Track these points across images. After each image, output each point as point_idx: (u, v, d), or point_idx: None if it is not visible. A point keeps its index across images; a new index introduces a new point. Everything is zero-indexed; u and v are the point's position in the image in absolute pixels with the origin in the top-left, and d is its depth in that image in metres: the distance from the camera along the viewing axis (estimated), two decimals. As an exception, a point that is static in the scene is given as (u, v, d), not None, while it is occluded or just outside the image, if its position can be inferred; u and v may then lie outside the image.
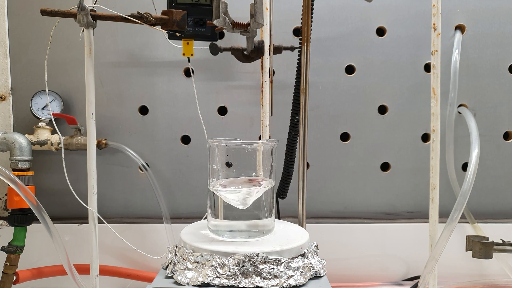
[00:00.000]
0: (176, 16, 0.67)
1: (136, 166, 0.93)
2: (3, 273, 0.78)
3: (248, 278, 0.48)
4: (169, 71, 0.92)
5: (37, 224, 0.71)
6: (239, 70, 0.92)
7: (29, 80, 0.91)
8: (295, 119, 0.76)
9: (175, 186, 0.94)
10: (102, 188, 0.91)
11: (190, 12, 0.73)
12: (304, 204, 0.71)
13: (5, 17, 0.90)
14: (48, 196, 0.91)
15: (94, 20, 0.66)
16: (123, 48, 0.92)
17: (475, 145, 0.75)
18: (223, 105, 0.93)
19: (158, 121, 0.93)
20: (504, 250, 0.70)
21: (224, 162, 0.56)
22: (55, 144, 0.86)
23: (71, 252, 0.70)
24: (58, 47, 0.90)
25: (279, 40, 0.87)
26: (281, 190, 0.81)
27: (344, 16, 0.92)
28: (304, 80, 0.69)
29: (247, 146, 0.55)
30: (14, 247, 0.77)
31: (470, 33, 0.92)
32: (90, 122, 0.69)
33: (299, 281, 0.49)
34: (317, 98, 0.92)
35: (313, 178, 0.94)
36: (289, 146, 0.78)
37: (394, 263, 0.92)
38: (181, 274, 0.50)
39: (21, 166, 0.80)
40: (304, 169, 0.70)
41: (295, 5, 0.90)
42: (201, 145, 0.93)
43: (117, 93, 0.92)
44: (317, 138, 0.93)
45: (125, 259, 0.90)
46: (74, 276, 0.70)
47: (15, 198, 0.76)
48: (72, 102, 0.92)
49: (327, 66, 0.92)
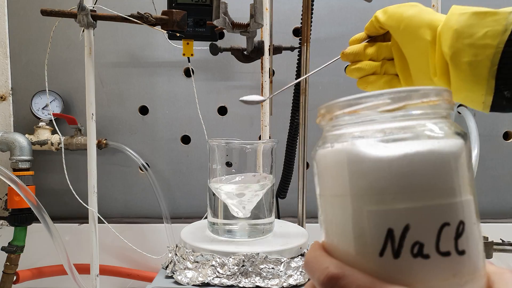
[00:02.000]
0: (176, 16, 0.67)
1: (136, 166, 0.93)
2: (3, 273, 0.78)
3: (248, 277, 0.48)
4: (169, 71, 0.92)
5: (37, 224, 0.71)
6: (239, 70, 0.92)
7: (29, 80, 0.91)
8: (295, 119, 0.76)
9: (175, 186, 0.94)
10: (102, 188, 0.91)
11: (190, 12, 0.73)
12: (304, 204, 0.71)
13: (5, 17, 0.90)
14: (48, 196, 0.91)
15: (94, 20, 0.66)
16: (123, 48, 0.92)
17: (475, 145, 0.75)
18: (223, 105, 0.93)
19: (158, 121, 0.93)
20: (503, 250, 0.70)
21: (224, 162, 0.56)
22: (55, 144, 0.87)
23: (71, 252, 0.70)
24: (58, 47, 0.90)
25: (279, 40, 0.87)
26: (281, 190, 0.81)
27: (343, 16, 0.92)
28: (304, 80, 0.69)
29: (247, 146, 0.55)
30: (14, 247, 0.77)
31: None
32: (90, 122, 0.69)
33: (299, 281, 0.49)
34: (317, 98, 0.92)
35: (313, 178, 0.93)
36: (289, 146, 0.78)
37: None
38: (181, 273, 0.50)
39: (22, 166, 0.80)
40: (304, 169, 0.70)
41: (295, 5, 0.90)
42: (201, 145, 0.93)
43: (117, 93, 0.92)
44: (317, 138, 0.93)
45: (125, 259, 0.90)
46: (74, 276, 0.70)
47: (15, 198, 0.76)
48: (72, 102, 0.92)
49: (327, 66, 0.92)
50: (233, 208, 0.55)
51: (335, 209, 0.21)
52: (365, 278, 0.19)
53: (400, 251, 0.19)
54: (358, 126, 0.21)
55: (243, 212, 0.55)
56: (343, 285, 0.19)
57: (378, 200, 0.19)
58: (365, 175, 0.20)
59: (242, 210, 0.55)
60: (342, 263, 0.20)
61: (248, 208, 0.55)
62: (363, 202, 0.20)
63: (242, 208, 0.55)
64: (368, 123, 0.20)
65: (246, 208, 0.55)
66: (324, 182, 0.23)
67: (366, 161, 0.20)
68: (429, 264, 0.18)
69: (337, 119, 0.22)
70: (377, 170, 0.19)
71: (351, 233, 0.20)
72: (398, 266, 0.19)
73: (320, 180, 0.23)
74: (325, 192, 0.22)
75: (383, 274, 0.19)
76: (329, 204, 0.22)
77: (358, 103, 0.20)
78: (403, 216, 0.19)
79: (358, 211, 0.20)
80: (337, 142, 0.21)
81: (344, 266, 0.20)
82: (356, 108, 0.20)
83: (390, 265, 0.19)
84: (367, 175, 0.20)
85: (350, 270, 0.19)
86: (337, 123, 0.22)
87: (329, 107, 0.22)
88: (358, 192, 0.20)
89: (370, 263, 0.19)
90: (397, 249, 0.19)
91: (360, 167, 0.20)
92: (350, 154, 0.20)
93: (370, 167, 0.19)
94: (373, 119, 0.20)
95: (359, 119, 0.21)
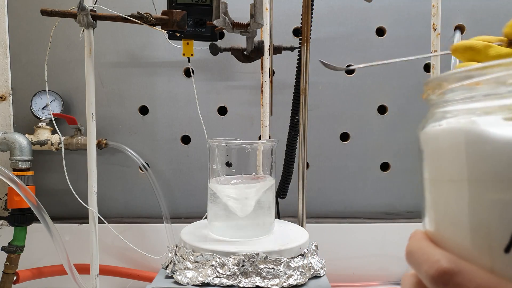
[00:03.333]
0: (176, 16, 0.67)
1: (136, 166, 0.93)
2: (3, 273, 0.78)
3: (248, 277, 0.48)
4: (169, 71, 0.92)
5: (37, 224, 0.71)
6: (239, 70, 0.92)
7: (29, 80, 0.91)
8: (295, 119, 0.76)
9: (175, 186, 0.94)
10: (102, 188, 0.91)
11: (190, 12, 0.73)
12: (304, 204, 0.71)
13: (5, 17, 0.90)
14: (48, 196, 0.91)
15: (94, 20, 0.66)
16: (123, 48, 0.92)
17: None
18: (223, 105, 0.93)
19: (158, 121, 0.93)
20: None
21: (224, 162, 0.56)
22: (55, 144, 0.87)
23: (71, 252, 0.70)
24: (58, 47, 0.90)
25: (279, 40, 0.87)
26: (281, 190, 0.81)
27: (344, 16, 0.92)
28: (304, 80, 0.69)
29: (247, 146, 0.55)
30: (14, 247, 0.77)
31: (469, 33, 0.92)
32: (90, 122, 0.69)
33: (299, 281, 0.49)
34: (317, 98, 0.92)
35: (313, 178, 0.94)
36: (289, 146, 0.78)
37: (394, 263, 0.92)
38: (181, 273, 0.50)
39: (22, 166, 0.80)
40: (304, 169, 0.70)
41: (295, 5, 0.90)
42: (201, 145, 0.93)
43: (117, 93, 0.92)
44: (317, 138, 0.93)
45: (125, 259, 0.90)
46: (74, 276, 0.70)
47: (15, 198, 0.76)
48: (72, 102, 0.92)
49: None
50: (233, 208, 0.55)
51: (448, 196, 0.19)
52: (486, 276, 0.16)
53: None
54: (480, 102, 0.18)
55: (243, 212, 0.55)
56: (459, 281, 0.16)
57: (504, 188, 0.16)
58: (488, 158, 0.17)
59: (242, 210, 0.55)
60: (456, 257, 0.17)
61: (248, 208, 0.55)
62: (485, 189, 0.17)
63: (242, 208, 0.55)
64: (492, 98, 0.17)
65: (246, 208, 0.55)
66: (435, 165, 0.20)
67: (489, 142, 0.17)
68: None
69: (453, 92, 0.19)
70: (502, 153, 0.16)
71: (468, 224, 0.17)
72: None
73: (429, 163, 0.20)
74: (436, 177, 0.20)
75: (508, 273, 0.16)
76: (441, 190, 0.19)
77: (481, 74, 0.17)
78: None
79: (478, 199, 0.17)
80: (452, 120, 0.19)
81: (459, 260, 0.17)
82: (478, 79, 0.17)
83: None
84: (490, 158, 0.17)
85: (467, 266, 0.17)
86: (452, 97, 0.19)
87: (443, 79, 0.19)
88: (479, 177, 0.17)
89: (491, 259, 0.17)
90: None
91: (482, 148, 0.17)
92: (469, 134, 0.18)
93: (495, 149, 0.17)
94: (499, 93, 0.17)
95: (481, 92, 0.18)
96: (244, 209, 0.55)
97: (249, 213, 0.55)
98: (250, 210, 0.55)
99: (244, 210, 0.55)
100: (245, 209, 0.55)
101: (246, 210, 0.55)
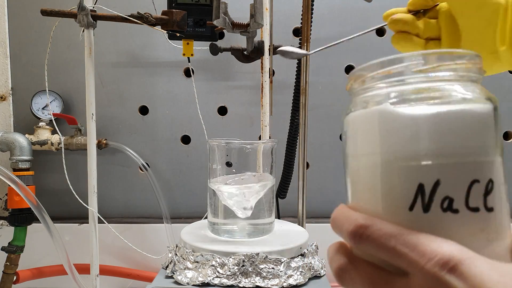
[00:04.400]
0: (176, 16, 0.67)
1: (136, 166, 0.93)
2: (3, 273, 0.78)
3: (248, 277, 0.48)
4: (169, 71, 0.92)
5: (37, 224, 0.71)
6: (239, 70, 0.92)
7: (29, 80, 0.91)
8: (295, 119, 0.76)
9: (175, 186, 0.94)
10: (102, 188, 0.91)
11: (190, 12, 0.73)
12: (304, 204, 0.71)
13: (5, 17, 0.90)
14: (48, 196, 0.91)
15: (94, 20, 0.66)
16: (124, 48, 0.92)
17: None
18: (223, 105, 0.93)
19: (158, 121, 0.93)
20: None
21: (224, 162, 0.56)
22: (55, 144, 0.87)
23: (71, 252, 0.70)
24: (58, 47, 0.90)
25: (279, 40, 0.87)
26: (281, 190, 0.81)
27: (344, 16, 0.92)
28: (304, 80, 0.69)
29: (247, 146, 0.55)
30: (14, 247, 0.77)
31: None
32: (90, 122, 0.69)
33: (299, 281, 0.49)
34: (317, 98, 0.92)
35: (313, 178, 0.94)
36: (289, 146, 0.78)
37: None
38: (181, 273, 0.50)
39: (22, 166, 0.80)
40: (304, 169, 0.70)
41: (295, 5, 0.90)
42: (201, 145, 0.93)
43: (117, 93, 0.92)
44: (317, 138, 0.93)
45: (125, 259, 0.90)
46: (74, 276, 0.70)
47: (16, 198, 0.76)
48: (72, 102, 0.92)
49: (327, 66, 0.92)
50: (233, 208, 0.55)
51: (364, 168, 0.22)
52: (393, 227, 0.19)
53: (430, 206, 0.19)
54: (391, 87, 0.21)
55: (243, 212, 0.55)
56: (371, 232, 0.19)
57: (409, 157, 0.20)
58: (397, 132, 0.20)
59: (242, 210, 0.55)
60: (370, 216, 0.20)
61: (248, 208, 0.55)
62: (394, 159, 0.20)
63: (242, 208, 0.55)
64: (401, 84, 0.21)
65: (246, 208, 0.55)
66: (355, 143, 0.23)
67: (399, 119, 0.20)
68: (458, 219, 0.19)
69: (371, 80, 0.22)
70: (409, 128, 0.20)
71: (380, 190, 0.21)
72: (427, 220, 0.19)
73: (350, 142, 0.23)
74: (355, 152, 0.23)
75: (412, 228, 0.19)
76: (359, 163, 0.22)
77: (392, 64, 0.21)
78: (434, 171, 0.19)
79: (388, 168, 0.20)
80: (369, 103, 0.22)
81: (372, 217, 0.20)
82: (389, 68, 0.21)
83: (419, 219, 0.19)
84: (399, 132, 0.20)
85: (378, 221, 0.20)
86: (370, 85, 0.22)
87: (362, 70, 0.22)
88: (389, 149, 0.20)
89: (399, 217, 0.20)
90: (427, 204, 0.19)
91: (392, 125, 0.20)
92: (382, 113, 0.21)
93: (403, 124, 0.20)
94: (406, 79, 0.21)
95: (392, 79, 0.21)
96: (244, 209, 0.55)
97: (249, 213, 0.55)
98: (250, 210, 0.55)
99: (244, 210, 0.55)
100: (245, 209, 0.55)
101: (246, 210, 0.55)
